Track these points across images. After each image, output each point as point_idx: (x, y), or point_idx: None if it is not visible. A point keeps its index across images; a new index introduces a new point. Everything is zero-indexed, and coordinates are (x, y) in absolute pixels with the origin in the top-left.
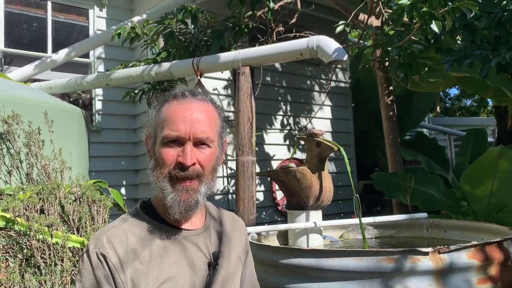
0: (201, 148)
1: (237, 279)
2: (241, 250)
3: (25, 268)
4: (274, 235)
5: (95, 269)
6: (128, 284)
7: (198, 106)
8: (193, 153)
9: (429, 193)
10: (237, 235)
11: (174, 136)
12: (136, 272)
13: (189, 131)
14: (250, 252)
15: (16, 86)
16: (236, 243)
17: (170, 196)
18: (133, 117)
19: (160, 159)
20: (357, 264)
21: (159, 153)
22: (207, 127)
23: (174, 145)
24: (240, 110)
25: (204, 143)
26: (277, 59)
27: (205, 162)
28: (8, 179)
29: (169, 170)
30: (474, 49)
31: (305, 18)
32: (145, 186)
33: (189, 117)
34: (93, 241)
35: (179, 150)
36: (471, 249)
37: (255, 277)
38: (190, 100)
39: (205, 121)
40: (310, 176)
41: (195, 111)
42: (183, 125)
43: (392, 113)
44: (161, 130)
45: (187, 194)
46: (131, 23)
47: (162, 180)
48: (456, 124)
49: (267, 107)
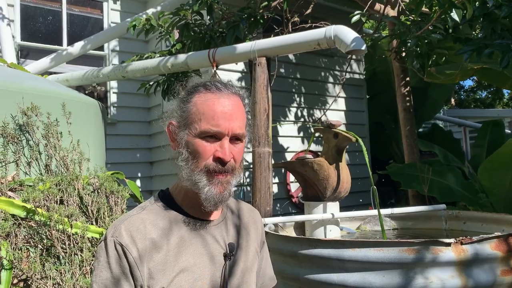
0: (235, 143)
1: (254, 271)
2: (258, 242)
3: (45, 258)
4: (291, 226)
5: (112, 258)
6: (145, 273)
7: (234, 101)
8: (230, 148)
9: (447, 185)
10: (254, 227)
11: (215, 132)
12: (154, 261)
13: (229, 127)
14: (265, 244)
15: (34, 78)
16: (253, 236)
17: (206, 189)
18: (147, 109)
19: (197, 153)
20: (378, 255)
21: (195, 146)
22: (242, 122)
23: (211, 140)
24: (256, 101)
25: (238, 138)
26: (293, 49)
27: (239, 156)
28: (28, 170)
29: (205, 164)
30: (494, 38)
31: (320, 9)
32: (160, 178)
33: (228, 113)
34: (111, 230)
35: (217, 145)
36: (494, 240)
37: (272, 269)
38: (226, 95)
39: (239, 116)
40: (328, 167)
41: (233, 107)
42: (223, 121)
43: (409, 104)
44: (197, 123)
45: (222, 187)
46: (146, 15)
47: (198, 173)
48: (471, 116)
49: (282, 99)
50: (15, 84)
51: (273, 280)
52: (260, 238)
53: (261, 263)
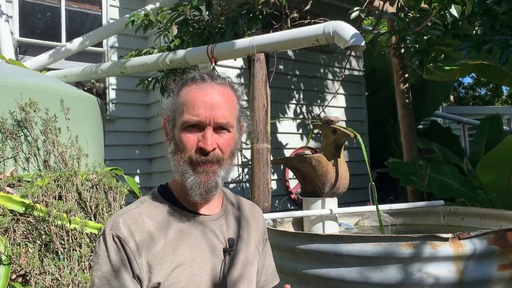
0: (221, 133)
1: (255, 265)
2: (258, 238)
3: (44, 253)
4: (289, 222)
5: (111, 251)
6: (143, 267)
7: (217, 90)
8: (213, 138)
9: (445, 182)
10: (254, 222)
11: (195, 121)
12: (152, 255)
13: (210, 116)
14: (268, 241)
15: (32, 74)
16: (254, 230)
17: (191, 179)
18: (146, 106)
19: (181, 144)
20: (375, 250)
21: (179, 138)
22: (227, 111)
23: (194, 130)
24: (255, 97)
25: (224, 128)
26: (292, 45)
27: (225, 147)
28: (26, 166)
29: (189, 155)
30: (494, 34)
31: (319, 5)
32: (159, 175)
33: (209, 102)
34: (110, 223)
35: (200, 135)
36: (491, 235)
37: (274, 267)
38: (209, 84)
39: (225, 105)
40: (326, 163)
41: (215, 96)
42: (203, 110)
43: (408, 101)
44: (181, 115)
45: (206, 176)
46: (145, 11)
47: (183, 164)
48: (470, 113)
49: (280, 95)
50: (14, 80)
51: (276, 278)
52: (262, 235)
53: (264, 261)
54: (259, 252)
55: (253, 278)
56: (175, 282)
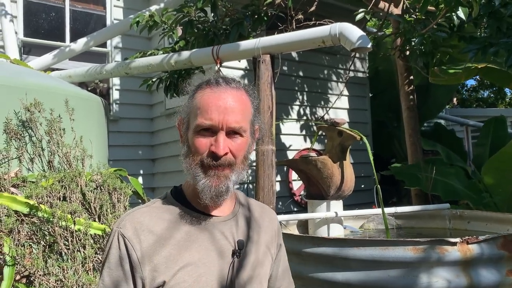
0: (233, 137)
1: (266, 267)
2: (270, 240)
3: (48, 254)
4: (294, 224)
5: (119, 250)
6: (149, 266)
7: (231, 95)
8: (226, 142)
9: (450, 184)
10: (266, 224)
11: (208, 125)
12: (158, 254)
13: (222, 120)
14: (283, 246)
15: (37, 74)
16: (265, 231)
17: (201, 182)
18: (149, 106)
19: (193, 147)
20: (382, 254)
21: (192, 141)
22: (240, 116)
23: (207, 134)
24: (260, 99)
25: (237, 133)
26: (298, 47)
27: (237, 152)
28: (31, 167)
29: (201, 158)
30: (500, 37)
31: (324, 7)
32: (162, 176)
33: (222, 106)
34: (118, 222)
35: (212, 139)
36: (500, 240)
37: (290, 273)
38: (224, 88)
39: (238, 110)
40: (331, 166)
41: (228, 100)
42: (216, 114)
43: (413, 103)
44: (194, 118)
45: (218, 180)
46: (149, 11)
47: (195, 167)
48: (474, 116)
49: (284, 96)
50: (18, 80)
51: (292, 284)
52: (275, 238)
53: (279, 266)
54: (270, 253)
55: (264, 279)
56: (180, 281)
